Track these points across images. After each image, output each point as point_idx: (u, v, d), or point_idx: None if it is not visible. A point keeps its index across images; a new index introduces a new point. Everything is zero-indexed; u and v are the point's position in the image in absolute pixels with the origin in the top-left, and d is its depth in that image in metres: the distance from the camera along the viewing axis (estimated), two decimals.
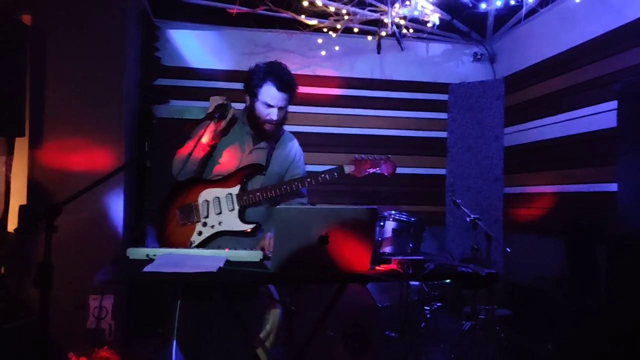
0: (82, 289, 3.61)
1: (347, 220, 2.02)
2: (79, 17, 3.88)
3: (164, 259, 2.14)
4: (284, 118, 2.76)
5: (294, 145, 2.92)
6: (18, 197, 3.74)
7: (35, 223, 2.09)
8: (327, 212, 2.06)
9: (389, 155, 2.68)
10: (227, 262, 2.16)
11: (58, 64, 3.82)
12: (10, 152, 3.76)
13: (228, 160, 2.76)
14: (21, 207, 3.68)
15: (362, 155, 2.70)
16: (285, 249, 2.00)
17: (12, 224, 3.65)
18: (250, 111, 2.72)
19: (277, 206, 1.98)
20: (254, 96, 2.68)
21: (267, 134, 2.75)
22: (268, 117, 2.67)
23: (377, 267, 2.16)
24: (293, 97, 2.73)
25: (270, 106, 2.65)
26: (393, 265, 2.15)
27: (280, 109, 2.67)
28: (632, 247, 2.95)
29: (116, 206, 3.84)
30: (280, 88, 2.62)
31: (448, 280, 3.96)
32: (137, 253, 2.23)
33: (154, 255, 2.20)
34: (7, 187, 3.72)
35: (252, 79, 2.67)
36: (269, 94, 2.63)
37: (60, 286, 3.13)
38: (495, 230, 5.16)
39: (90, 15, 3.90)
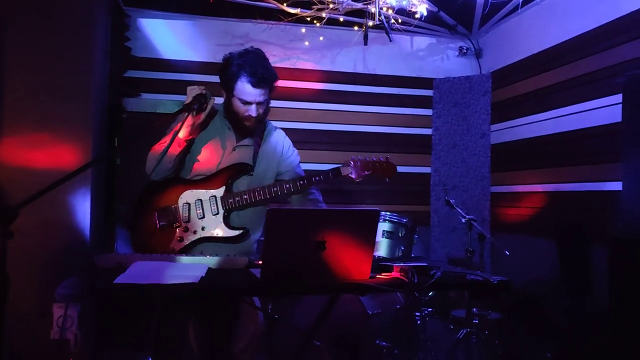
0: (45, 296, 3.34)
1: (346, 224, 1.80)
2: (43, 5, 3.61)
3: (138, 267, 1.91)
4: (265, 112, 2.54)
5: (280, 137, 2.70)
6: None
7: None
8: (324, 214, 1.85)
9: (388, 157, 2.51)
10: (209, 270, 1.93)
11: (19, 54, 3.55)
12: None
13: (208, 157, 2.53)
14: None
15: (360, 157, 2.52)
16: (277, 255, 1.78)
17: None
18: (228, 106, 2.50)
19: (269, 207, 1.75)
20: (229, 91, 2.45)
21: (249, 130, 2.53)
22: (247, 114, 2.44)
23: (378, 276, 1.95)
24: (273, 89, 2.50)
25: (247, 102, 2.42)
26: (396, 274, 1.94)
27: (258, 104, 2.44)
28: (638, 249, 2.80)
29: (83, 207, 3.57)
30: (255, 84, 2.38)
31: None
32: (106, 260, 1.99)
33: (126, 262, 1.96)
34: None
35: (225, 74, 2.43)
36: (244, 91, 2.40)
37: (21, 293, 2.91)
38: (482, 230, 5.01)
39: (56, 2, 3.62)
